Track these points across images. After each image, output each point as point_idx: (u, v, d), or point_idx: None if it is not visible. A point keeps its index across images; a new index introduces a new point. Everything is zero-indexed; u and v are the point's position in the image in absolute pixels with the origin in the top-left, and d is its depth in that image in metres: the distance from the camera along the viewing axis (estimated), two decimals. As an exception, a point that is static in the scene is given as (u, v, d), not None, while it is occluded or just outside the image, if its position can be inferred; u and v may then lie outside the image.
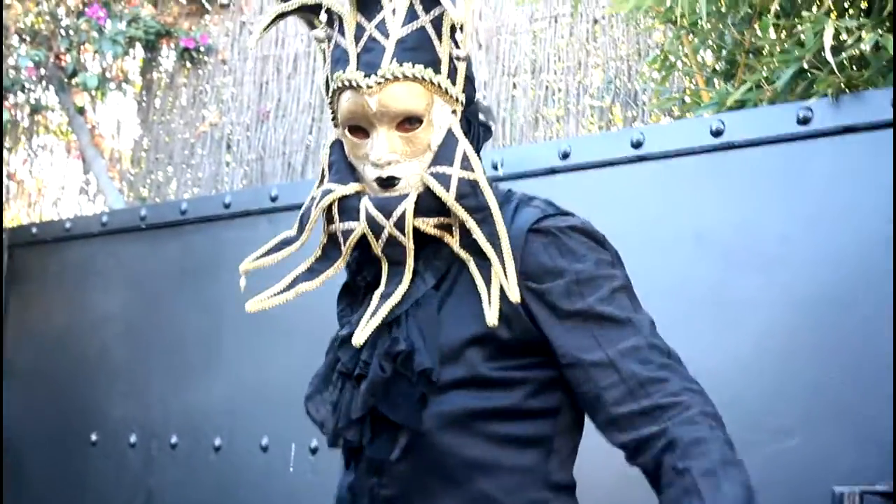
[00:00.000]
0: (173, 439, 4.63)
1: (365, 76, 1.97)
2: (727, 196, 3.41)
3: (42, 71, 6.75)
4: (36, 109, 7.12)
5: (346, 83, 1.99)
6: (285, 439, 4.19)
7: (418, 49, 2.00)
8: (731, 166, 3.41)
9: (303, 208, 2.09)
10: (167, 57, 6.98)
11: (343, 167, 2.06)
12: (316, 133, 6.07)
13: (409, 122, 2.00)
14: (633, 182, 3.61)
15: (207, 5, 6.82)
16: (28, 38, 6.83)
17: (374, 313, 1.98)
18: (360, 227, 1.99)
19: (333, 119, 2.10)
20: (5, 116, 6.74)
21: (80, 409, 5.08)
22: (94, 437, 4.98)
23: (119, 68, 6.94)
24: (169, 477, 4.65)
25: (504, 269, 1.94)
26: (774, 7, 3.55)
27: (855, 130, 3.21)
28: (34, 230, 5.66)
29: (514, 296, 1.92)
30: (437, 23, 2.01)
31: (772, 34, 3.75)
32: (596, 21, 5.20)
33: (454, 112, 2.05)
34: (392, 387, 1.96)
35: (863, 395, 3.09)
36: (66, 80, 6.81)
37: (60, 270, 5.45)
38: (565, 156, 3.71)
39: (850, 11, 3.54)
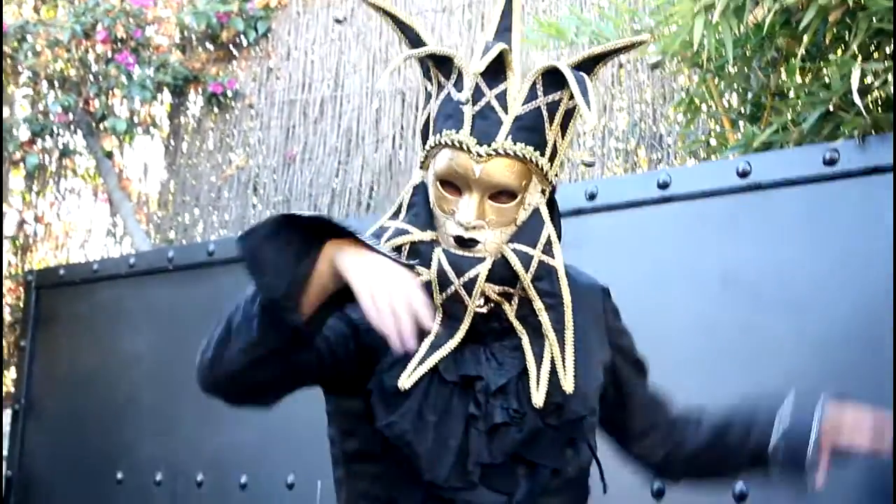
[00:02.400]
0: (199, 477, 4.64)
1: (478, 143, 2.03)
2: (754, 237, 3.43)
3: (71, 116, 6.82)
4: (64, 154, 7.17)
5: (458, 144, 2.04)
6: (311, 476, 4.19)
7: (531, 130, 2.05)
8: (758, 207, 3.43)
9: (369, 233, 2.10)
10: (195, 102, 7.04)
11: (423, 212, 2.10)
12: (342, 176, 6.11)
13: (504, 194, 2.05)
14: (659, 223, 3.62)
15: (234, 51, 6.89)
16: (58, 84, 6.90)
17: (421, 361, 2.02)
18: (427, 274, 2.03)
19: (423, 163, 2.14)
20: (34, 160, 6.81)
21: (106, 448, 5.10)
22: (119, 476, 5.00)
23: (147, 113, 7.01)
24: (195, 515, 4.65)
25: (564, 361, 2.08)
26: (801, 51, 3.58)
27: (881, 171, 3.22)
28: (62, 272, 5.70)
29: (569, 387, 2.06)
30: (553, 107, 2.06)
31: (798, 77, 3.77)
32: (621, 66, 5.24)
33: (543, 192, 2.11)
34: (541, 434, 2.07)
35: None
36: (94, 124, 6.87)
37: (88, 312, 5.48)
38: (592, 197, 3.73)
39: (876, 55, 3.56)
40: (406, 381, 2.00)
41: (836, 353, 3.23)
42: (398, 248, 2.06)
